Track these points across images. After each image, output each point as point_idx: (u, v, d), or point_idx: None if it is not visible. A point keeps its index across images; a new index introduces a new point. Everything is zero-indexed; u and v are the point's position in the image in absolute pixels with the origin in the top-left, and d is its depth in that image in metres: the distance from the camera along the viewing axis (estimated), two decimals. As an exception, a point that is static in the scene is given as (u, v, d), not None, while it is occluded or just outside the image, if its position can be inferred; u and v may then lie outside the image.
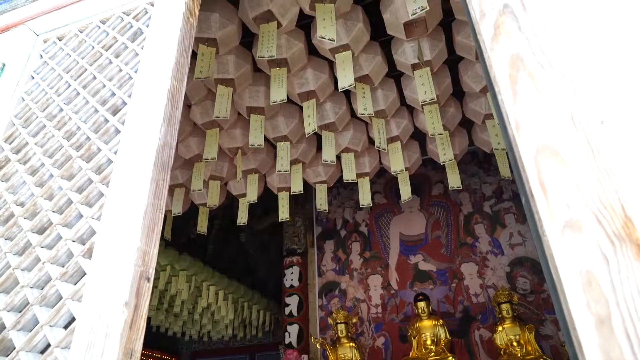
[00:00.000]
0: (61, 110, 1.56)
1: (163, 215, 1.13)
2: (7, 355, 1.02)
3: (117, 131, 1.34)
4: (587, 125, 0.66)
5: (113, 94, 1.48)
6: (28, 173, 1.41)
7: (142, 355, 8.00)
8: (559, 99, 0.71)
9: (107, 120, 1.41)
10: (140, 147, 1.20)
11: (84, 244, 1.12)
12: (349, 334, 4.79)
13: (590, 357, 0.51)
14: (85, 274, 1.03)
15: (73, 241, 1.13)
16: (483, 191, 5.55)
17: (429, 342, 4.36)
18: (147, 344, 7.90)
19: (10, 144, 1.56)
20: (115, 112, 1.42)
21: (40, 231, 1.23)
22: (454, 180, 3.85)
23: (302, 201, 6.20)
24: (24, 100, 1.68)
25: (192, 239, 6.50)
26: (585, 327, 0.53)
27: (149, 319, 6.57)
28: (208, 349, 8.81)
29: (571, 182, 0.62)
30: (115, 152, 1.27)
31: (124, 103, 1.41)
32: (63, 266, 1.10)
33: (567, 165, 0.64)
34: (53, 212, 1.24)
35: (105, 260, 1.01)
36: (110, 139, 1.35)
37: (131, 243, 1.00)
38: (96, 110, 1.46)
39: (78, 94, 1.56)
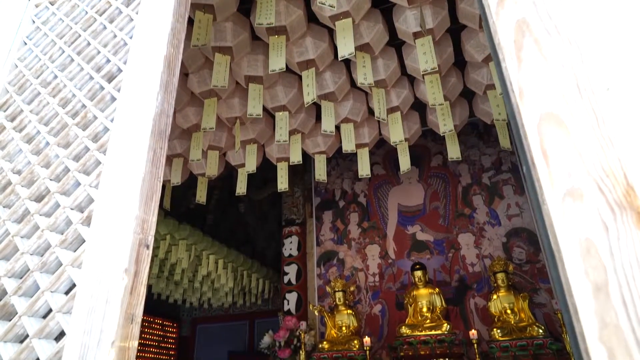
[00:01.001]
0: (55, 77, 1.53)
1: (161, 184, 1.12)
2: (10, 320, 1.04)
3: (113, 99, 1.32)
4: (593, 92, 0.64)
5: (108, 61, 1.45)
6: (24, 141, 1.40)
7: (144, 321, 8.19)
8: (565, 66, 0.69)
9: (102, 88, 1.38)
10: (136, 115, 1.18)
11: (82, 212, 1.12)
12: (347, 302, 4.88)
13: (586, 322, 0.52)
14: (84, 241, 1.04)
15: (71, 209, 1.13)
16: (482, 162, 5.55)
17: (424, 309, 4.46)
18: (148, 311, 8.07)
19: (4, 111, 1.53)
20: (110, 79, 1.39)
21: (38, 199, 1.23)
22: (454, 151, 3.83)
23: (301, 172, 6.20)
24: (17, 67, 1.65)
25: (191, 209, 6.53)
26: (582, 293, 0.53)
27: (150, 287, 6.69)
28: (208, 316, 9.00)
29: (574, 150, 0.61)
30: (112, 120, 1.25)
31: (120, 70, 1.38)
32: (62, 233, 1.10)
33: (571, 133, 0.63)
34: (50, 180, 1.24)
35: (104, 228, 1.01)
36: (106, 106, 1.33)
37: (130, 211, 1.00)
38: (91, 77, 1.44)
39: (72, 60, 1.53)
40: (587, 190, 0.58)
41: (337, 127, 3.95)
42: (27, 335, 0.99)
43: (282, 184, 4.09)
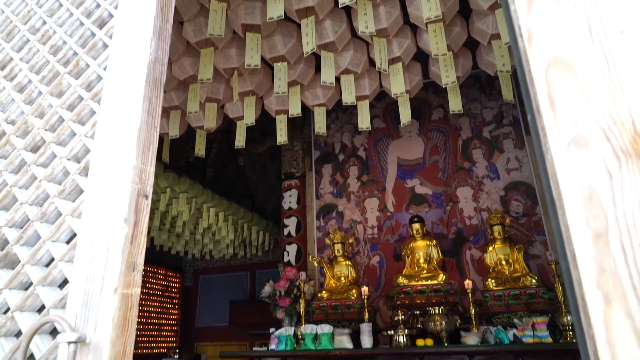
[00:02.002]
0: (44, 23, 1.47)
1: (158, 134, 1.10)
2: (13, 269, 1.05)
3: (105, 46, 1.27)
4: (605, 35, 0.61)
5: (98, 6, 1.38)
6: (16, 90, 1.36)
7: (148, 272, 8.39)
8: (577, 7, 0.65)
9: (93, 34, 1.33)
10: (130, 63, 1.14)
11: (79, 162, 1.11)
12: (345, 253, 4.98)
13: (584, 269, 0.52)
14: (82, 191, 1.03)
15: (68, 159, 1.12)
16: (483, 116, 5.49)
17: (421, 260, 4.56)
18: (151, 262, 8.26)
19: (-6, 59, 1.49)
20: (101, 25, 1.34)
21: (34, 149, 1.21)
22: (455, 103, 3.77)
23: (301, 125, 6.14)
24: (3, 12, 1.58)
25: (190, 162, 6.53)
26: (581, 241, 0.53)
27: (152, 239, 6.80)
28: (210, 267, 9.24)
29: (582, 97, 0.59)
30: (105, 68, 1.22)
31: (111, 15, 1.32)
32: (60, 184, 1.09)
33: (580, 78, 0.60)
34: (45, 130, 1.22)
35: (102, 178, 1.00)
36: (99, 54, 1.29)
37: (127, 161, 0.99)
38: (81, 24, 1.38)
39: (61, 5, 1.46)
40: (593, 137, 0.56)
41: (337, 79, 3.86)
42: (31, 283, 1.01)
43: (282, 136, 4.06)
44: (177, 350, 7.67)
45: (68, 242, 1.04)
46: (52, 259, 1.02)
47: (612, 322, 0.50)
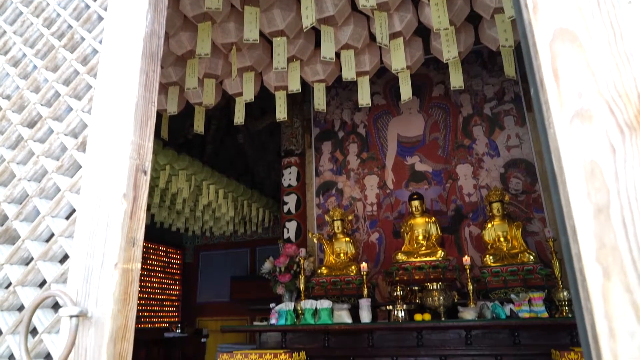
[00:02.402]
0: (37, -6, 1.43)
1: (156, 109, 1.09)
2: (14, 244, 1.06)
3: (100, 18, 1.25)
4: (613, 5, 0.60)
5: (92, -24, 1.34)
6: (10, 64, 1.34)
7: (149, 248, 8.46)
8: (585, -24, 0.63)
9: (88, 6, 1.30)
10: (126, 36, 1.12)
11: (76, 138, 1.10)
12: (345, 230, 5.01)
13: (584, 243, 0.52)
14: (81, 167, 1.03)
15: (65, 135, 1.11)
16: (484, 92, 5.44)
17: (420, 237, 4.59)
18: (152, 239, 8.32)
19: (-13, 32, 1.46)
20: (96, -3, 1.30)
21: (31, 125, 1.20)
22: (456, 79, 3.73)
23: (300, 101, 6.09)
24: (-5, -17, 1.54)
25: (189, 139, 6.50)
26: (582, 215, 0.53)
27: (152, 216, 6.83)
28: (211, 244, 9.31)
29: (587, 69, 0.58)
30: (100, 42, 1.19)
31: (105, -14, 1.29)
32: (58, 159, 1.09)
33: (585, 50, 0.59)
34: (42, 105, 1.20)
35: (99, 154, 0.99)
36: (94, 26, 1.26)
37: (125, 136, 0.98)
38: (75, -5, 1.35)
39: (54, -24, 1.42)
40: (597, 111, 0.55)
41: (337, 54, 3.81)
42: (32, 258, 1.01)
43: (281, 113, 4.02)
44: (179, 325, 7.80)
45: (67, 218, 1.04)
46: (52, 235, 1.02)
47: (610, 295, 0.50)
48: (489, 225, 4.47)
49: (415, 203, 4.69)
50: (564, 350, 3.06)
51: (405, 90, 3.68)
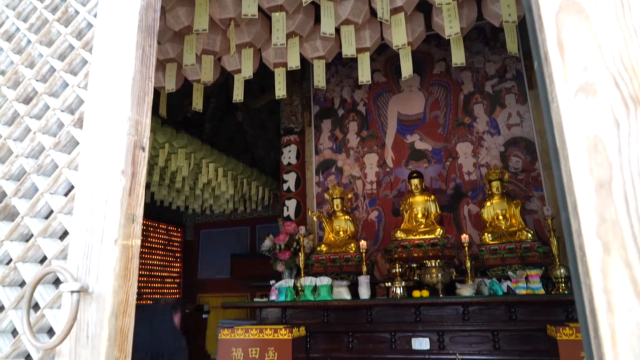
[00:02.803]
0: (30, -34, 1.39)
1: (153, 85, 1.07)
2: (13, 221, 1.06)
3: (95, -10, 1.22)
4: (621, -25, 0.58)
5: (85, -53, 1.31)
6: (4, 39, 1.32)
7: (149, 226, 8.50)
8: (593, -55, 0.61)
9: (82, -21, 1.26)
10: (121, 9, 1.09)
11: (73, 114, 1.08)
12: (344, 208, 5.03)
13: (584, 219, 0.52)
14: (78, 143, 1.02)
15: (62, 111, 1.09)
16: (486, 70, 5.38)
17: (419, 215, 4.61)
18: (152, 217, 8.36)
19: (-21, 6, 1.42)
20: (90, -31, 1.27)
21: (27, 101, 1.18)
22: (458, 56, 3.67)
23: (300, 79, 6.03)
24: (-14, -46, 1.50)
25: (188, 117, 6.45)
26: (584, 191, 0.52)
27: (152, 194, 6.84)
28: (211, 222, 9.36)
29: (593, 42, 0.57)
30: (95, 15, 1.16)
31: (99, -43, 1.25)
32: (55, 136, 1.08)
33: (592, 22, 0.58)
34: (37, 81, 1.18)
35: (97, 130, 0.98)
36: (88, 0, 1.23)
37: (122, 112, 0.97)
38: (68, -33, 1.31)
39: (46, -53, 1.38)
40: (602, 85, 0.54)
41: (337, 30, 3.74)
42: (32, 235, 1.01)
43: (280, 90, 3.98)
44: (181, 301, 7.91)
45: (66, 195, 1.04)
46: (51, 211, 1.02)
47: (609, 270, 0.50)
48: (488, 203, 4.48)
49: (415, 181, 4.69)
50: (560, 325, 3.11)
51: (406, 67, 3.64)
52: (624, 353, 0.47)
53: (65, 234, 1.00)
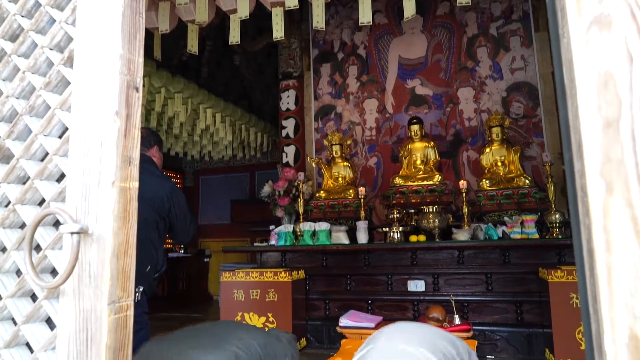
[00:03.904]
0: None
1: (144, 21, 1.02)
2: (9, 163, 1.05)
3: None
4: None
5: None
6: (-16, -28, 1.24)
7: (149, 172, 8.51)
8: None
9: None
10: (106, -62, 1.02)
11: (62, 52, 1.04)
12: (343, 155, 5.02)
13: (589, 158, 0.51)
14: (69, 83, 0.98)
15: (50, 49, 1.05)
16: (491, 11, 5.17)
17: (418, 162, 4.61)
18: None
19: None
20: None
21: (13, 38, 1.13)
22: (463, -5, 3.51)
23: (298, 20, 5.81)
24: None
25: (184, 61, 6.28)
26: (590, 129, 0.51)
27: (150, 140, 6.78)
28: (210, 168, 9.38)
29: (611, -30, 0.53)
30: (79, -55, 1.09)
31: None
32: (45, 75, 1.04)
33: (611, -53, 0.53)
34: (22, 16, 1.12)
35: (88, 69, 0.95)
36: None
37: (113, 50, 0.93)
38: None
39: None
40: (618, 16, 0.51)
41: (337, -33, 3.56)
42: (29, 177, 1.01)
43: (278, 32, 3.84)
44: (182, 245, 8.09)
45: (60, 137, 1.02)
46: (47, 154, 1.00)
47: (610, 210, 0.49)
48: (487, 149, 4.47)
49: (415, 127, 4.65)
50: (552, 268, 3.20)
51: (409, 6, 3.49)
52: (619, 290, 0.48)
53: (62, 176, 0.99)
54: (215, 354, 1.50)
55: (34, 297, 1.00)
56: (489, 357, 3.49)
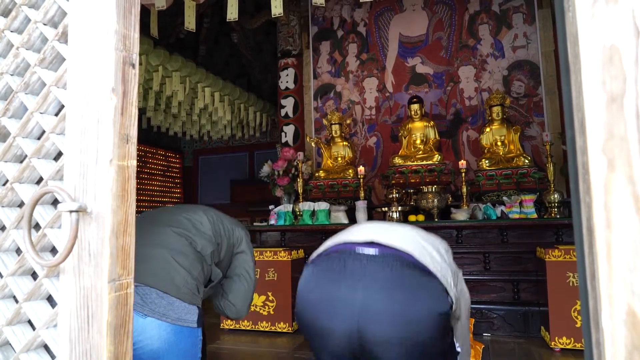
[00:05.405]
0: None
1: (139, -4, 1.00)
2: (5, 142, 1.04)
3: None
4: None
5: None
6: (-26, -56, 1.20)
7: (148, 152, 8.50)
8: None
9: None
10: None
11: (56, 28, 1.02)
12: (343, 134, 5.00)
13: (592, 134, 0.50)
14: (64, 59, 0.97)
15: (44, 24, 1.03)
16: (495, -13, 5.08)
17: (418, 141, 4.59)
18: (150, 142, 8.33)
19: None
20: None
21: (5, 13, 1.11)
22: (466, -29, 3.44)
23: (297, -3, 5.70)
24: None
25: (182, 39, 6.19)
26: (594, 105, 0.50)
27: (149, 120, 6.75)
28: (209, 148, 9.35)
29: (620, -61, 0.51)
30: None
31: None
32: (39, 52, 1.02)
33: None
34: (14, -9, 1.10)
35: (83, 45, 0.93)
36: None
37: (108, 25, 0.91)
38: None
39: None
40: (626, -12, 0.50)
41: (337, -59, 3.47)
42: (26, 155, 1.00)
43: (276, 8, 3.77)
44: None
45: (57, 115, 1.01)
46: (43, 132, 0.99)
47: (612, 187, 0.49)
48: (487, 129, 4.45)
49: (415, 107, 4.62)
50: (549, 248, 3.22)
51: (410, -17, 3.41)
52: (618, 267, 0.48)
53: (59, 154, 0.99)
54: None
55: (34, 276, 1.00)
56: (486, 334, 3.55)
